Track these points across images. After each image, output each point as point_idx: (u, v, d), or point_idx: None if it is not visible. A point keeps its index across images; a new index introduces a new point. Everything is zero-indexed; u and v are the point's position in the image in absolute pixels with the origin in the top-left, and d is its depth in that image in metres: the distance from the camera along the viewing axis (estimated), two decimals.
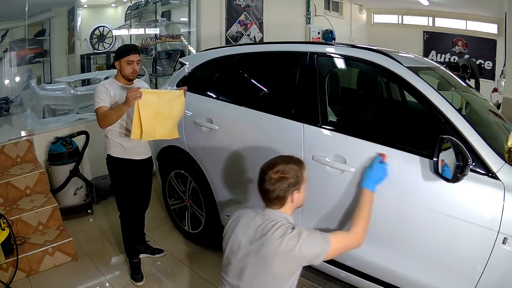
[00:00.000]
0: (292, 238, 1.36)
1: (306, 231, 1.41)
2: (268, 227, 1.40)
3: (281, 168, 1.44)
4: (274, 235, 1.37)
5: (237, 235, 1.46)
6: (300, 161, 1.53)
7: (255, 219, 1.46)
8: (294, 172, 1.45)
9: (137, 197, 2.49)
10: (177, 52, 5.08)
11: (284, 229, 1.39)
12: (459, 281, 1.59)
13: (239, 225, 1.48)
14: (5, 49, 4.58)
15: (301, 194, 1.49)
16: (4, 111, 4.11)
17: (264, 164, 1.51)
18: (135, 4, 5.74)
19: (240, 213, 1.55)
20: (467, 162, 1.44)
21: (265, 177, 1.45)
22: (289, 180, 1.43)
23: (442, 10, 6.76)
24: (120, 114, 2.12)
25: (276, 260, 1.36)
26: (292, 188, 1.45)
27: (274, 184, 1.43)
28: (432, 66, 2.38)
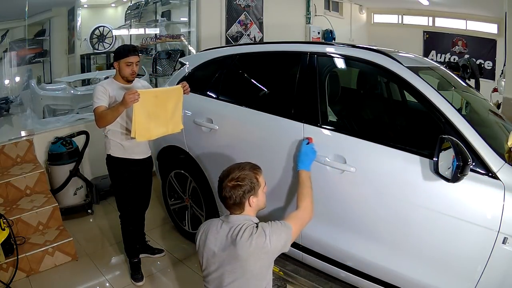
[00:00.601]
0: (259, 236, 1.44)
1: (269, 226, 1.50)
2: (235, 231, 1.47)
3: (235, 176, 1.53)
4: (243, 238, 1.44)
5: (209, 246, 1.52)
6: (255, 167, 1.60)
7: (223, 227, 1.53)
8: (248, 179, 1.53)
9: (137, 197, 2.49)
10: (177, 52, 5.08)
11: (250, 229, 1.47)
12: (459, 281, 1.59)
13: (209, 236, 1.54)
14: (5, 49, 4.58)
15: (260, 197, 1.57)
16: (4, 111, 4.11)
17: (221, 173, 1.59)
18: (135, 4, 5.73)
19: (207, 224, 1.61)
20: (467, 162, 1.44)
21: (222, 185, 1.54)
22: (244, 187, 1.51)
23: (442, 10, 6.76)
24: (117, 115, 2.10)
25: (250, 260, 1.43)
26: (248, 194, 1.52)
27: (230, 192, 1.51)
28: (432, 66, 2.38)
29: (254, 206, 1.55)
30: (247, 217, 1.54)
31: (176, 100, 2.25)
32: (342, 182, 1.87)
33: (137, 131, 2.09)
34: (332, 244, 1.97)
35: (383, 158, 1.77)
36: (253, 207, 1.55)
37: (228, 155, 2.43)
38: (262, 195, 1.58)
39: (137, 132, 2.09)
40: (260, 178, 1.57)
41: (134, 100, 1.99)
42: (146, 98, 2.06)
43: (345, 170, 1.85)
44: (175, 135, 2.71)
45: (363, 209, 1.84)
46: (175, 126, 2.29)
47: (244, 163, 1.61)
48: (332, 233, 1.95)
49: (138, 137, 2.12)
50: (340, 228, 1.91)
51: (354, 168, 1.82)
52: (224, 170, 1.59)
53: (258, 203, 1.57)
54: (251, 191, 1.53)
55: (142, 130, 2.12)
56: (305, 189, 1.75)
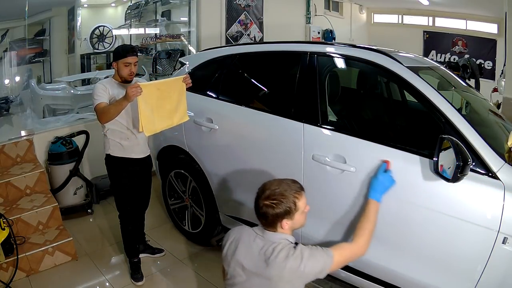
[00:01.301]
0: (296, 259, 1.37)
1: (308, 250, 1.41)
2: (270, 250, 1.40)
3: (272, 196, 1.42)
4: (278, 258, 1.37)
5: (239, 257, 1.46)
6: (297, 189, 1.46)
7: (256, 242, 1.46)
8: (285, 202, 1.41)
9: (137, 197, 2.49)
10: (177, 51, 5.07)
11: (287, 250, 1.39)
12: (459, 280, 1.59)
13: (240, 246, 1.47)
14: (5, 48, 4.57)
15: (296, 221, 1.46)
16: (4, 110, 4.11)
17: (260, 186, 1.49)
18: (135, 4, 5.73)
19: (238, 233, 1.53)
20: (467, 162, 1.44)
21: (258, 202, 1.45)
22: (277, 210, 1.41)
23: (442, 10, 6.76)
24: (120, 109, 2.10)
25: (282, 281, 1.37)
26: (281, 218, 1.42)
27: (263, 209, 1.43)
28: (432, 66, 2.37)
29: (286, 229, 1.45)
30: (284, 235, 1.45)
31: (179, 91, 2.26)
32: (342, 182, 1.87)
33: (143, 125, 2.09)
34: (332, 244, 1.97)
35: (383, 158, 1.77)
36: (285, 229, 1.45)
37: (228, 154, 2.44)
38: (299, 217, 1.46)
39: (143, 126, 2.09)
40: (299, 202, 1.44)
41: (136, 94, 1.99)
42: (148, 91, 2.07)
43: (345, 170, 1.85)
44: (175, 135, 2.73)
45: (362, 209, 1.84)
46: (181, 117, 2.31)
47: (287, 182, 1.47)
48: (333, 233, 1.95)
49: (146, 131, 2.12)
50: (340, 228, 1.91)
51: (354, 168, 1.82)
52: (263, 184, 1.48)
53: (293, 226, 1.46)
54: (285, 215, 1.42)
55: (148, 123, 2.12)
56: (367, 223, 1.61)
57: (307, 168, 1.99)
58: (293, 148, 2.05)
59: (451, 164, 1.48)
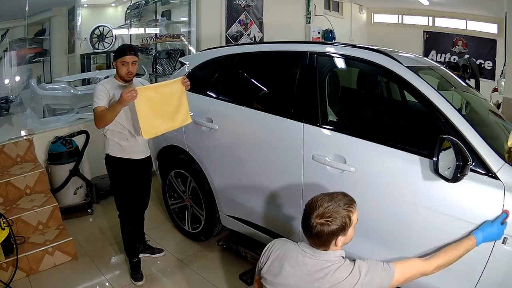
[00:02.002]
0: (353, 277, 1.30)
1: (366, 266, 1.33)
2: (326, 270, 1.31)
3: (326, 213, 1.30)
4: (334, 278, 1.29)
5: (287, 277, 1.34)
6: (350, 203, 1.36)
7: (307, 261, 1.34)
8: (340, 218, 1.30)
9: (136, 197, 2.49)
10: (177, 51, 5.07)
11: (343, 268, 1.31)
12: (459, 281, 1.59)
13: (287, 266, 1.35)
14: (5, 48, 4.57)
15: (348, 236, 1.36)
16: (4, 110, 4.11)
17: (308, 202, 1.37)
18: (135, 4, 5.73)
19: (282, 250, 1.41)
20: (467, 162, 1.44)
21: (309, 220, 1.32)
22: (332, 227, 1.29)
23: (442, 10, 6.76)
24: (115, 114, 2.10)
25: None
26: (335, 236, 1.31)
27: (316, 229, 1.30)
28: (432, 66, 2.37)
29: (339, 245, 1.35)
30: (338, 253, 1.35)
31: (179, 93, 2.24)
32: (342, 182, 1.87)
33: (142, 128, 2.08)
34: None
35: (383, 158, 1.77)
36: (338, 246, 1.35)
37: (228, 154, 2.43)
38: (351, 232, 1.36)
39: (143, 129, 2.09)
40: (353, 215, 1.34)
41: (132, 98, 1.98)
42: (145, 94, 2.06)
43: (345, 170, 1.85)
44: (175, 135, 2.73)
45: (363, 209, 1.83)
46: (183, 119, 2.29)
47: (338, 196, 1.36)
48: None
49: (144, 135, 2.12)
50: None
51: (354, 168, 1.82)
52: (313, 200, 1.36)
53: (345, 241, 1.36)
54: (340, 232, 1.31)
55: (148, 127, 2.11)
56: (453, 251, 1.48)
57: (307, 168, 1.99)
58: (293, 148, 2.05)
59: (451, 164, 1.48)
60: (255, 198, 2.27)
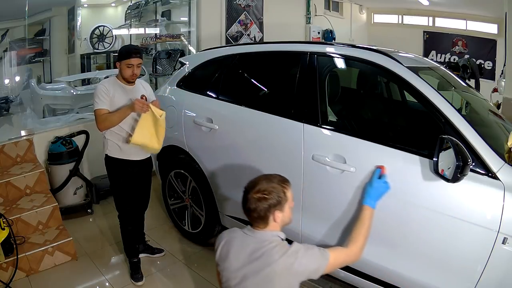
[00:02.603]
0: (290, 256, 1.39)
1: (303, 248, 1.43)
2: (263, 249, 1.41)
3: (262, 188, 1.44)
4: (272, 256, 1.38)
5: (232, 260, 1.45)
6: (284, 180, 1.51)
7: (248, 242, 1.46)
8: (275, 192, 1.45)
9: (136, 197, 2.49)
10: (177, 51, 5.07)
11: (280, 247, 1.41)
12: (459, 281, 1.59)
13: (232, 249, 1.47)
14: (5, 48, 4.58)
15: (286, 213, 1.48)
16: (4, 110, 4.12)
17: (247, 183, 1.51)
18: (135, 4, 5.73)
19: (228, 236, 1.53)
20: (467, 162, 1.44)
21: (247, 197, 1.46)
22: (269, 201, 1.43)
23: (442, 10, 6.76)
24: (123, 117, 2.21)
25: (276, 279, 1.37)
26: (273, 209, 1.44)
27: (255, 204, 1.43)
28: (432, 66, 2.38)
29: (279, 222, 1.47)
30: (275, 233, 1.47)
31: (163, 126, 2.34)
32: (342, 182, 1.87)
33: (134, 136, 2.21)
34: (331, 244, 1.97)
35: (383, 158, 1.77)
36: (278, 222, 1.46)
37: (228, 154, 2.43)
38: (288, 210, 1.49)
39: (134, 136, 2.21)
40: (288, 192, 1.48)
41: (143, 111, 2.16)
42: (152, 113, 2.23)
43: (345, 170, 1.85)
44: (175, 135, 2.73)
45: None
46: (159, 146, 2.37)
47: (273, 175, 1.51)
48: (332, 233, 1.95)
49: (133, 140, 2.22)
50: (340, 228, 1.91)
51: (354, 168, 1.82)
52: (251, 181, 1.51)
53: (284, 219, 1.48)
54: (277, 206, 1.44)
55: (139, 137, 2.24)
56: (362, 229, 1.62)
57: (307, 168, 1.99)
58: (293, 148, 2.05)
59: (451, 164, 1.48)
60: None
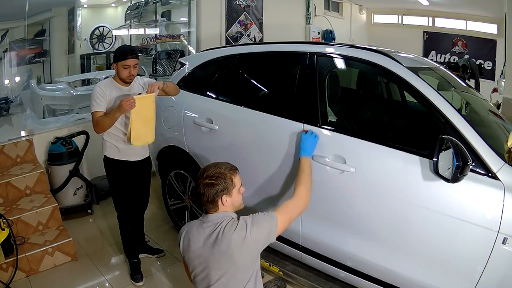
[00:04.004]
0: (241, 229, 1.46)
1: (250, 217, 1.52)
2: (217, 229, 1.49)
3: (210, 174, 1.54)
4: (225, 233, 1.46)
5: (192, 247, 1.52)
6: (232, 168, 1.60)
7: (203, 226, 1.54)
8: (222, 178, 1.53)
9: (135, 198, 2.49)
10: (177, 52, 5.07)
11: (231, 224, 1.49)
12: (459, 281, 1.59)
13: (191, 238, 1.54)
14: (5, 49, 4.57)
15: (234, 197, 1.57)
16: (4, 111, 4.11)
17: (199, 171, 1.61)
18: (135, 4, 5.73)
19: (187, 228, 1.61)
20: (467, 162, 1.44)
21: (197, 183, 1.56)
22: (217, 186, 1.52)
23: (442, 10, 6.76)
24: (114, 120, 2.17)
25: (234, 254, 1.44)
26: (221, 193, 1.53)
27: (204, 189, 1.53)
28: (432, 66, 2.38)
29: (228, 205, 1.56)
30: (225, 213, 1.55)
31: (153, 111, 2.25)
32: (342, 182, 1.87)
33: (132, 136, 2.17)
34: (331, 244, 1.97)
35: (383, 158, 1.77)
36: (226, 206, 1.55)
37: (228, 155, 2.42)
38: (237, 195, 1.58)
39: (132, 137, 2.18)
40: (235, 179, 1.58)
41: (131, 107, 2.06)
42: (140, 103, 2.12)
43: (345, 170, 1.85)
44: (175, 135, 2.73)
45: (362, 210, 1.84)
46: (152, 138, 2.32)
47: (222, 163, 1.62)
48: (332, 234, 1.95)
49: (133, 142, 2.19)
50: (340, 228, 1.91)
51: (354, 168, 1.82)
52: (201, 169, 1.61)
53: (233, 203, 1.57)
54: (224, 191, 1.53)
55: (137, 135, 2.19)
56: (302, 176, 1.75)
57: None
58: (293, 149, 2.05)
59: (451, 165, 1.47)
60: (255, 198, 2.27)
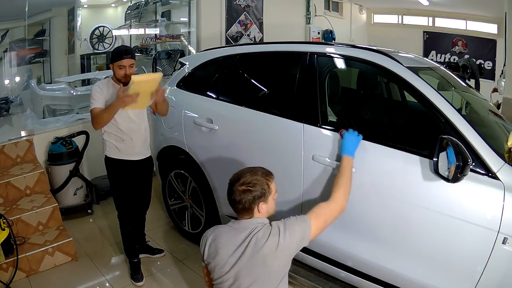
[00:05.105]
0: (274, 236, 1.43)
1: (282, 222, 1.48)
2: (250, 236, 1.44)
3: (247, 180, 1.49)
4: (258, 240, 1.42)
5: (222, 254, 1.47)
6: (268, 173, 1.55)
7: (234, 233, 1.49)
8: (259, 184, 1.49)
9: (137, 198, 2.49)
10: (177, 52, 5.07)
11: (264, 230, 1.45)
12: (459, 281, 1.59)
13: (220, 244, 1.49)
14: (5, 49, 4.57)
15: (270, 204, 1.52)
16: (4, 111, 4.12)
17: (232, 176, 1.55)
18: (135, 4, 5.73)
19: (214, 233, 1.55)
20: (467, 162, 1.44)
21: (232, 189, 1.50)
22: (254, 193, 1.47)
23: (442, 10, 6.76)
24: (112, 114, 2.13)
25: (267, 261, 1.41)
26: (258, 200, 1.48)
27: (240, 196, 1.48)
28: (432, 66, 2.38)
29: (263, 213, 1.51)
30: (259, 220, 1.50)
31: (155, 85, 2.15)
32: None
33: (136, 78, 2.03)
34: (332, 245, 1.97)
35: (383, 158, 1.77)
36: (262, 213, 1.51)
37: (228, 155, 2.43)
38: (272, 202, 1.54)
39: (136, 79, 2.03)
40: (271, 184, 1.53)
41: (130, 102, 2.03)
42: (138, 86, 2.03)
43: None
44: (175, 135, 2.73)
45: (363, 210, 1.84)
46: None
47: (257, 168, 1.56)
48: (332, 234, 1.95)
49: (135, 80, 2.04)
50: (340, 228, 1.91)
51: (354, 169, 1.81)
52: (235, 173, 1.55)
53: (268, 210, 1.53)
54: (261, 197, 1.48)
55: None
56: (340, 178, 1.69)
57: (307, 169, 1.99)
58: (293, 149, 2.05)
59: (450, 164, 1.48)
60: None
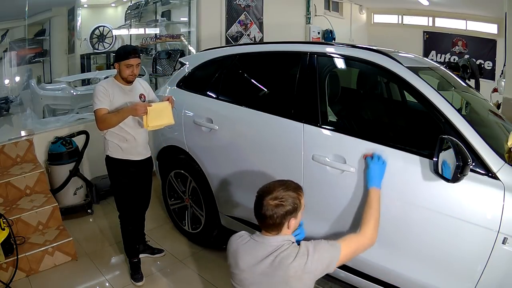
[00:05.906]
0: (302, 257, 1.37)
1: (312, 245, 1.41)
2: (275, 253, 1.39)
3: (279, 195, 1.42)
4: (284, 260, 1.36)
5: (243, 266, 1.43)
6: (299, 188, 1.50)
7: (256, 248, 1.44)
8: (292, 199, 1.43)
9: (137, 198, 2.49)
10: (177, 52, 5.07)
11: (291, 250, 1.39)
12: (459, 281, 1.59)
13: (242, 256, 1.45)
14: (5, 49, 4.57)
15: (298, 219, 1.48)
16: (4, 111, 4.12)
17: (261, 188, 1.49)
18: (135, 4, 5.73)
19: (236, 243, 1.50)
20: (467, 162, 1.44)
21: (262, 203, 1.43)
22: (287, 208, 1.41)
23: (442, 10, 6.77)
24: (122, 120, 2.19)
25: (291, 282, 1.35)
26: (289, 216, 1.42)
27: (271, 211, 1.40)
28: (432, 66, 2.37)
29: (291, 229, 1.45)
30: (285, 237, 1.44)
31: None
32: (342, 182, 1.87)
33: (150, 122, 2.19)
34: None
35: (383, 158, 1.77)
36: (291, 229, 1.45)
37: (228, 155, 2.43)
38: (300, 217, 1.48)
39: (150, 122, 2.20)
40: (302, 200, 1.48)
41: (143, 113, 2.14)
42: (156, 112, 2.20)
43: (345, 170, 1.85)
44: (175, 135, 2.73)
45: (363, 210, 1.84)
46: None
47: (288, 182, 1.50)
48: (332, 233, 1.95)
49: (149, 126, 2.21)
50: (340, 228, 1.91)
51: (354, 168, 1.82)
52: (265, 186, 1.48)
53: (295, 226, 1.47)
54: (293, 213, 1.42)
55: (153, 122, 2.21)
56: (370, 211, 1.62)
57: (307, 169, 1.99)
58: (293, 149, 2.05)
59: (451, 165, 1.47)
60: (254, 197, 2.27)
